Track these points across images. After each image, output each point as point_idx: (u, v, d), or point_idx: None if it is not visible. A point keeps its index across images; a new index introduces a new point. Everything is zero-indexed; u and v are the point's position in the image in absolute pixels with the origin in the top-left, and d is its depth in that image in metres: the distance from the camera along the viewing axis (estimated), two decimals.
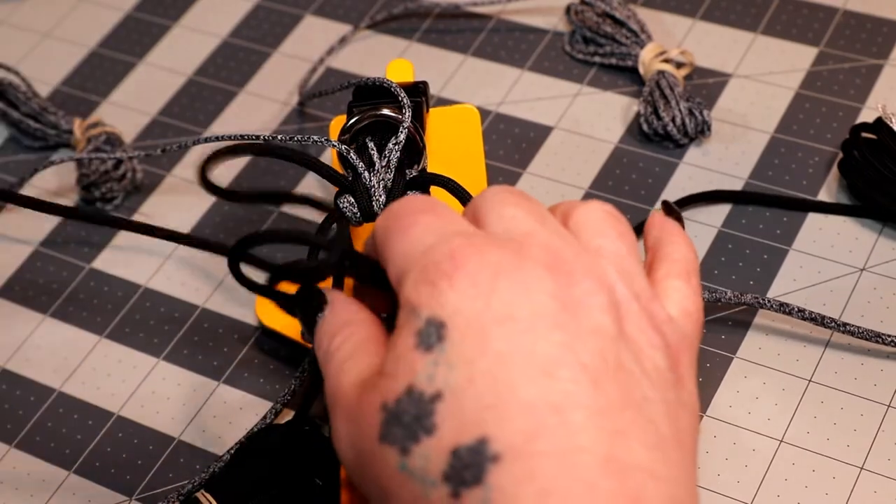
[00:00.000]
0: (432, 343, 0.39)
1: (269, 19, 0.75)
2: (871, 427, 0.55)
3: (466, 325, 0.39)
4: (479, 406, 0.38)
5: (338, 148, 0.55)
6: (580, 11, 0.71)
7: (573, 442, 0.37)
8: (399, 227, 0.43)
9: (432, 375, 0.39)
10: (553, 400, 0.38)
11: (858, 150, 0.61)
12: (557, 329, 0.39)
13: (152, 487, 0.56)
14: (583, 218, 0.43)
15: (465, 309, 0.40)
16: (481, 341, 0.39)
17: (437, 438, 0.38)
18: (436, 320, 0.40)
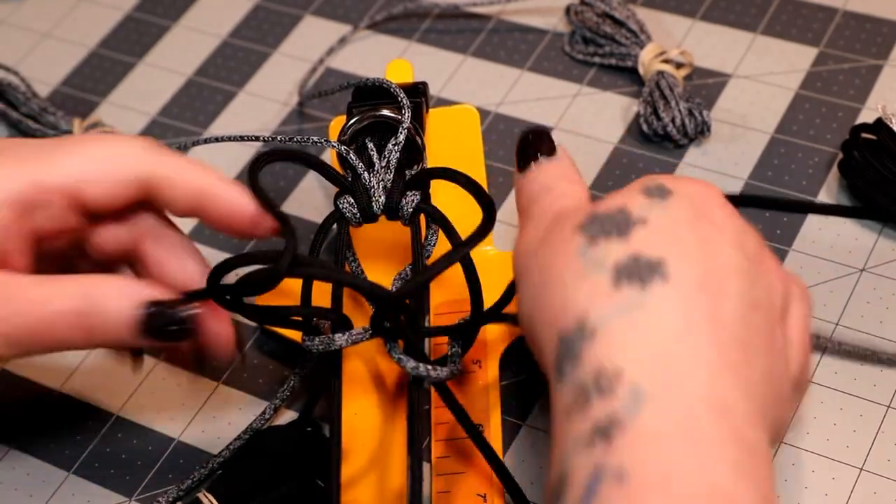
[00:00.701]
0: (654, 194, 0.45)
1: (269, 19, 0.75)
2: (871, 427, 0.55)
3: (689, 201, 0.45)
4: (672, 239, 0.43)
5: (337, 148, 0.55)
6: (580, 12, 0.71)
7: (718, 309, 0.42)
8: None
9: (645, 209, 0.44)
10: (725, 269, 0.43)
11: (858, 150, 0.61)
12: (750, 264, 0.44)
13: (152, 487, 0.56)
14: None
15: (688, 188, 0.45)
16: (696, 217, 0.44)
17: (627, 244, 0.43)
18: (664, 186, 0.45)
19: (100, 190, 0.49)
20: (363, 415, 0.54)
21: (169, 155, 0.50)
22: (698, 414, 0.40)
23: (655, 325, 0.41)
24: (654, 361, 0.41)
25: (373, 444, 0.54)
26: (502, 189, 0.65)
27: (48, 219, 0.49)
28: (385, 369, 0.55)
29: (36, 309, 0.47)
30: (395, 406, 0.55)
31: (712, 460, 0.39)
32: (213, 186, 0.50)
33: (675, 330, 0.41)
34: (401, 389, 0.55)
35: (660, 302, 0.42)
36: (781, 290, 0.45)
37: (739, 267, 0.43)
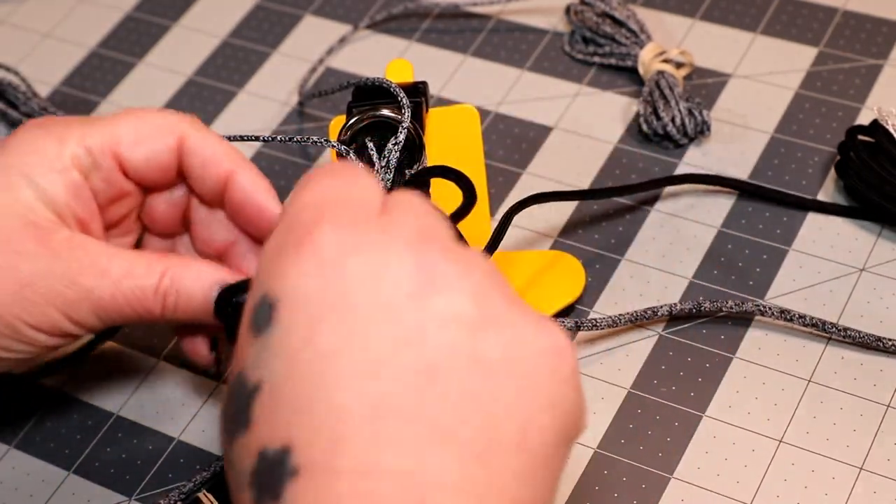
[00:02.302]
0: (261, 326, 0.36)
1: (269, 19, 0.75)
2: (871, 427, 0.55)
3: (299, 307, 0.36)
4: (291, 407, 0.35)
5: (337, 148, 0.55)
6: (580, 11, 0.71)
7: (376, 459, 0.34)
8: (302, 182, 0.41)
9: (256, 363, 0.36)
10: (370, 405, 0.34)
11: (855, 151, 0.61)
12: (398, 321, 0.35)
13: (152, 487, 0.56)
14: None
15: (302, 288, 0.36)
16: (310, 330, 0.35)
17: (251, 435, 0.35)
18: (270, 297, 0.36)
19: (140, 153, 0.51)
20: None
21: (203, 130, 0.52)
22: None
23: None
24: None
25: None
26: (502, 189, 0.65)
27: (102, 180, 0.50)
28: None
29: (123, 282, 0.48)
30: None
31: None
32: (239, 166, 0.51)
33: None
34: None
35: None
36: None
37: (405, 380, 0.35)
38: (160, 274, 0.49)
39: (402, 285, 0.35)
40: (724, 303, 0.58)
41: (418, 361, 0.35)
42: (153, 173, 0.51)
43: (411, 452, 0.34)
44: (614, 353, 0.58)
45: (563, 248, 0.62)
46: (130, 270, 0.49)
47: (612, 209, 0.63)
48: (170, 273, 0.49)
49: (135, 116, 0.51)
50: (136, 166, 0.51)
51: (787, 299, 0.59)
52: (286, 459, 0.34)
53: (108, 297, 0.48)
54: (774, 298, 0.59)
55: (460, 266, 0.36)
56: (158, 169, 0.51)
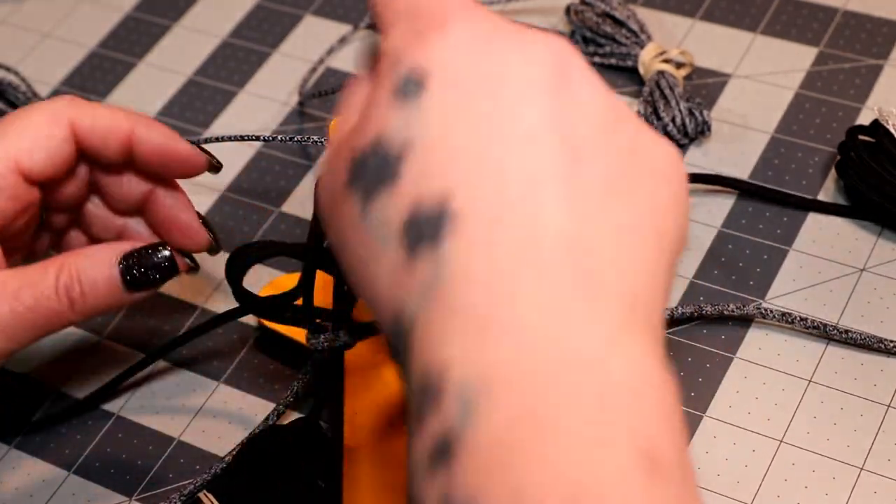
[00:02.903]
0: (409, 93, 0.36)
1: (269, 19, 0.75)
2: (871, 427, 0.55)
3: (450, 77, 0.36)
4: (448, 160, 0.35)
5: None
6: (580, 11, 0.71)
7: (539, 218, 0.34)
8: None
9: (404, 125, 0.36)
10: (528, 168, 0.35)
11: (855, 151, 0.61)
12: (550, 97, 0.36)
13: (152, 487, 0.56)
14: None
15: (453, 62, 0.36)
16: (464, 96, 0.36)
17: (400, 188, 0.35)
18: (417, 71, 0.36)
19: (40, 157, 0.51)
20: (364, 414, 0.54)
21: (88, 106, 0.52)
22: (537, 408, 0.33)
23: (463, 295, 0.34)
24: (474, 344, 0.33)
25: (374, 444, 0.54)
26: None
27: (8, 199, 0.50)
28: (386, 368, 0.55)
29: (21, 295, 0.48)
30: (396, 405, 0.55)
31: None
32: (138, 128, 0.52)
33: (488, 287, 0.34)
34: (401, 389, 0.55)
35: (460, 261, 0.34)
36: None
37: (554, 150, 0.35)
38: (55, 271, 0.49)
39: (547, 71, 0.36)
40: (725, 306, 0.58)
41: (567, 139, 0.36)
42: (57, 169, 0.51)
43: (573, 216, 0.35)
44: None
45: None
46: (25, 280, 0.48)
47: None
48: (65, 267, 0.49)
49: (22, 122, 0.51)
50: (40, 171, 0.51)
51: (788, 299, 0.59)
52: (446, 206, 0.35)
53: (10, 317, 0.48)
54: (775, 298, 0.59)
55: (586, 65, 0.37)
56: (62, 163, 0.51)
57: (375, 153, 0.36)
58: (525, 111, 0.36)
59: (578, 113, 0.36)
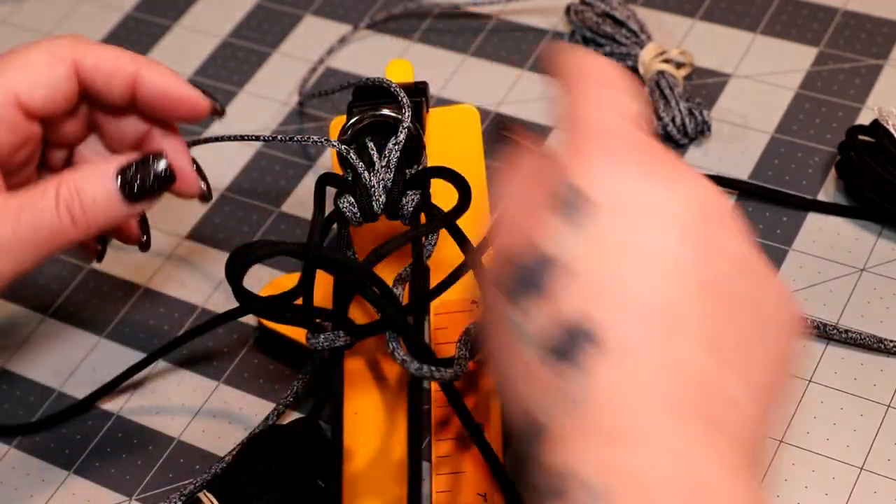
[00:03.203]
0: (572, 214, 0.38)
1: (269, 19, 0.75)
2: (871, 427, 0.55)
3: (611, 208, 0.38)
4: (594, 285, 0.38)
5: (338, 148, 0.55)
6: (580, 11, 0.71)
7: (674, 353, 0.37)
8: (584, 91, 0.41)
9: (557, 239, 0.38)
10: (666, 303, 0.37)
11: (855, 151, 0.61)
12: (692, 239, 0.38)
13: (152, 487, 0.56)
14: None
15: (614, 191, 0.39)
16: (619, 227, 0.38)
17: (547, 302, 0.38)
18: (582, 194, 0.38)
19: (40, 94, 0.51)
20: (364, 414, 0.54)
21: (92, 46, 0.52)
22: None
23: (600, 411, 0.36)
24: (607, 454, 0.36)
25: (373, 444, 0.54)
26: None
27: (7, 132, 0.51)
28: (386, 368, 0.55)
29: (22, 216, 0.48)
30: (396, 405, 0.55)
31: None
32: (143, 69, 0.52)
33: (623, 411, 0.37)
34: (401, 389, 0.55)
35: (598, 382, 0.37)
36: None
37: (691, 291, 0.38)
38: (55, 188, 0.49)
39: (694, 213, 0.39)
40: None
41: (705, 284, 0.38)
42: (58, 106, 0.52)
43: (705, 359, 0.37)
44: None
45: None
46: (25, 200, 0.49)
47: None
48: (64, 184, 0.49)
49: (23, 58, 0.51)
50: (40, 107, 0.51)
51: None
52: (587, 330, 0.37)
53: (13, 237, 0.48)
54: None
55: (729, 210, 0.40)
56: (63, 100, 0.52)
57: (531, 266, 0.38)
58: (671, 250, 0.38)
59: (718, 259, 0.39)
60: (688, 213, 0.39)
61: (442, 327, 0.56)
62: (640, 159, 0.39)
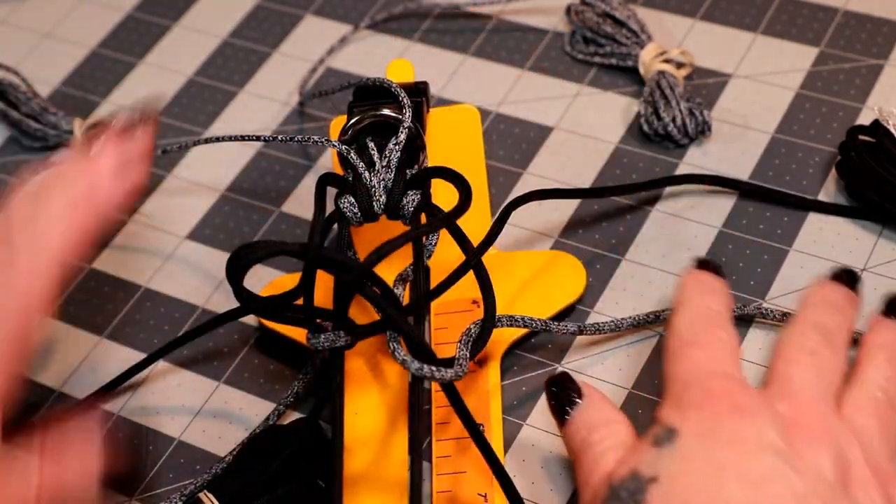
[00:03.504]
0: (663, 441, 0.45)
1: (269, 19, 0.75)
2: None
3: (696, 434, 0.44)
4: (686, 493, 0.43)
5: (338, 148, 0.55)
6: (580, 11, 0.71)
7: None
8: (679, 354, 0.49)
9: (654, 462, 0.44)
10: None
11: (856, 151, 0.61)
12: (777, 457, 0.43)
13: (152, 487, 0.56)
14: (853, 391, 0.48)
15: (701, 426, 0.45)
16: (704, 447, 0.44)
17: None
18: (672, 427, 0.45)
19: None
20: (364, 414, 0.54)
21: None
22: None
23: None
24: None
25: (374, 444, 0.54)
26: (503, 189, 0.65)
27: None
28: (386, 368, 0.55)
29: None
30: (397, 405, 0.54)
31: None
32: None
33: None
34: (402, 389, 0.55)
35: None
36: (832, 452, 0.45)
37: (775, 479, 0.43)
38: None
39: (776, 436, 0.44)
40: None
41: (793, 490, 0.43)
42: None
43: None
44: (616, 354, 0.58)
45: (564, 248, 0.62)
46: None
47: (612, 209, 0.63)
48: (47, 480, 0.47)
49: None
50: None
51: (788, 299, 0.59)
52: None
53: None
54: (775, 298, 0.59)
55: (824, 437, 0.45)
56: None
57: (628, 484, 0.44)
58: (753, 463, 0.43)
59: (804, 473, 0.43)
60: (770, 438, 0.44)
61: (442, 327, 0.56)
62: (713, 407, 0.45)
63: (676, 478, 0.43)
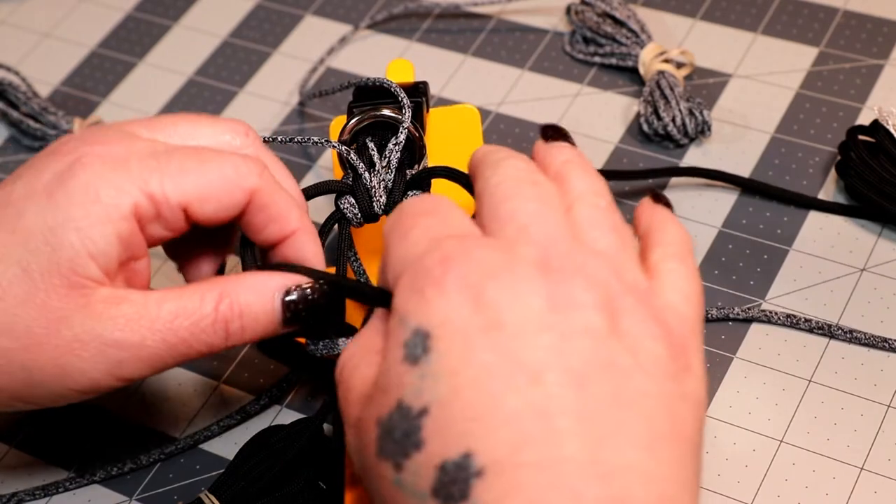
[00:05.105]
0: (418, 355, 0.40)
1: (269, 19, 0.75)
2: (871, 427, 0.55)
3: (452, 334, 0.39)
4: (464, 419, 0.38)
5: (338, 148, 0.55)
6: (580, 11, 0.71)
7: (558, 450, 0.38)
8: (398, 230, 0.43)
9: (419, 389, 0.39)
10: (538, 407, 0.38)
11: (855, 151, 0.61)
12: (545, 332, 0.39)
13: (152, 487, 0.56)
14: (578, 209, 0.43)
15: (452, 318, 0.40)
16: (466, 351, 0.39)
17: (425, 453, 0.39)
18: (422, 330, 0.40)
19: (209, 209, 0.48)
20: None
21: (275, 183, 0.49)
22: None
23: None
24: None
25: None
26: None
27: (161, 228, 0.48)
28: None
29: (175, 325, 0.46)
30: None
31: None
32: (300, 232, 0.49)
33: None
34: None
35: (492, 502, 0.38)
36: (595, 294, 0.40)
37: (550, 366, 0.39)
38: (215, 302, 0.46)
39: (538, 302, 0.39)
40: (730, 309, 0.58)
41: (569, 368, 0.38)
42: (217, 221, 0.48)
43: (588, 444, 0.38)
44: None
45: None
46: (182, 309, 0.46)
47: None
48: (226, 297, 0.46)
49: (204, 164, 0.47)
50: (203, 219, 0.48)
51: (788, 299, 0.59)
52: (469, 463, 0.38)
53: (160, 346, 0.46)
54: (775, 298, 0.59)
55: (581, 280, 0.40)
56: (224, 219, 0.48)
57: (397, 424, 0.39)
58: (524, 353, 0.39)
59: (575, 338, 0.39)
60: (532, 312, 0.39)
61: None
62: (469, 279, 0.40)
63: (448, 404, 0.38)
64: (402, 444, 0.39)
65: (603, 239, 0.42)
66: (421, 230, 0.42)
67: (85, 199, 0.46)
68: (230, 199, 0.48)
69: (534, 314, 0.39)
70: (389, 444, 0.39)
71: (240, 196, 0.48)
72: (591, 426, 0.38)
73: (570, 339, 0.39)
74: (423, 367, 0.39)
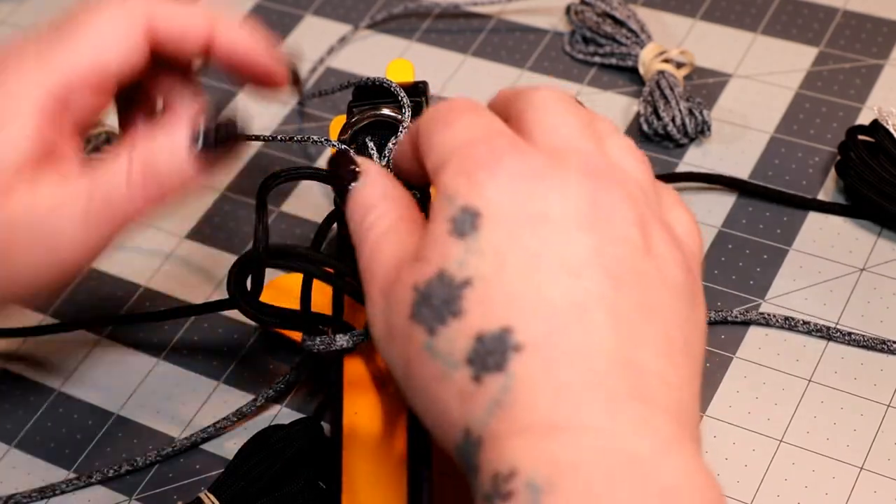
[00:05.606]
0: (465, 231, 0.40)
1: (269, 19, 0.75)
2: (871, 427, 0.55)
3: (501, 217, 0.40)
4: (505, 297, 0.39)
5: (338, 148, 0.55)
6: (580, 11, 0.71)
7: (591, 342, 0.39)
8: (444, 119, 0.44)
9: (463, 262, 0.40)
10: (576, 299, 0.39)
11: (855, 151, 0.61)
12: (588, 232, 0.40)
13: (152, 487, 0.56)
14: (611, 141, 0.44)
15: (501, 202, 0.40)
16: (513, 236, 0.40)
17: (464, 322, 0.40)
18: (471, 209, 0.41)
19: (115, 66, 0.47)
20: (364, 414, 0.54)
21: (167, 3, 0.49)
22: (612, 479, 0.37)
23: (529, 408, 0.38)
24: (541, 446, 0.38)
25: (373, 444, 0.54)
26: None
27: (82, 108, 0.47)
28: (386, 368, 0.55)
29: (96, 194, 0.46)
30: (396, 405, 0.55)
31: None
32: (217, 29, 0.49)
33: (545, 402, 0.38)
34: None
35: (525, 381, 0.38)
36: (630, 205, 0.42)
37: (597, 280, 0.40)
38: (125, 163, 0.46)
39: (584, 206, 0.41)
40: (728, 312, 0.58)
41: (607, 268, 0.40)
42: (131, 72, 0.48)
43: (620, 342, 0.39)
44: None
45: None
46: (97, 177, 0.46)
47: None
48: (136, 157, 0.46)
49: (95, 28, 0.47)
50: (116, 77, 0.48)
51: (788, 299, 0.59)
52: (508, 338, 0.39)
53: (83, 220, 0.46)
54: (775, 298, 0.59)
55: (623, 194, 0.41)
56: (137, 65, 0.48)
57: (436, 291, 0.40)
58: (567, 248, 0.40)
59: (614, 244, 0.40)
60: (578, 211, 0.41)
61: None
62: (522, 169, 0.41)
63: (491, 281, 0.40)
64: (439, 310, 0.40)
65: (636, 168, 0.43)
66: (467, 121, 0.43)
67: None
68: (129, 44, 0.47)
69: (580, 214, 0.40)
70: (425, 310, 0.40)
71: (136, 35, 0.47)
72: (623, 326, 0.39)
73: (610, 244, 0.40)
74: (469, 241, 0.40)
